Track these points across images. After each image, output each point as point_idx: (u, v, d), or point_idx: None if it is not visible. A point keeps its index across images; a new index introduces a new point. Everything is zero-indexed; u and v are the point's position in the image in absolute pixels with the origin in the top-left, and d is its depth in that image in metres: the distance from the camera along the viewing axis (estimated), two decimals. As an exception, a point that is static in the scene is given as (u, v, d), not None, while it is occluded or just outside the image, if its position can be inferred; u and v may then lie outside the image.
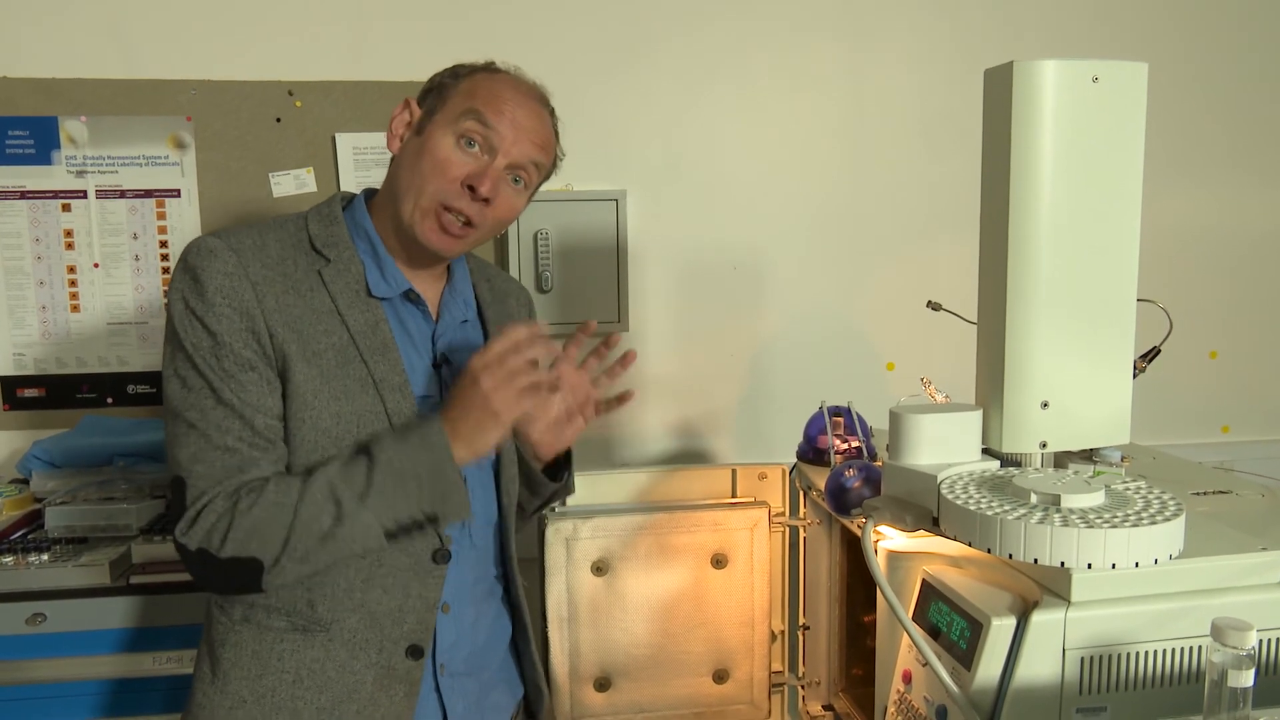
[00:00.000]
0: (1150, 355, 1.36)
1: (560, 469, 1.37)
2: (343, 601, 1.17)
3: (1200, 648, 0.98)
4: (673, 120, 2.15)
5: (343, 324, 1.18)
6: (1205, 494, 1.31)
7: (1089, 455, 1.19)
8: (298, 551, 1.11)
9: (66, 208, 1.97)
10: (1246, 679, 0.70)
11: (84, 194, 1.97)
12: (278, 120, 2.02)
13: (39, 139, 1.96)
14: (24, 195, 1.96)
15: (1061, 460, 1.17)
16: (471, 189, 1.17)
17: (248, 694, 1.17)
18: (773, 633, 1.54)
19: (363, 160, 2.07)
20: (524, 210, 1.29)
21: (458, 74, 1.25)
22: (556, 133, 1.31)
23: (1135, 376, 1.30)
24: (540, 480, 1.34)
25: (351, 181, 2.07)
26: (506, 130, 1.19)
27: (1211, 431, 2.46)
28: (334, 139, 2.05)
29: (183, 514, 1.12)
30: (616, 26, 2.12)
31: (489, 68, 1.27)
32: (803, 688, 1.58)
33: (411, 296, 1.24)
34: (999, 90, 1.10)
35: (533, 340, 1.13)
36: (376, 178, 2.08)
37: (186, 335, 1.13)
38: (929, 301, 1.46)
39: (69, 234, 1.97)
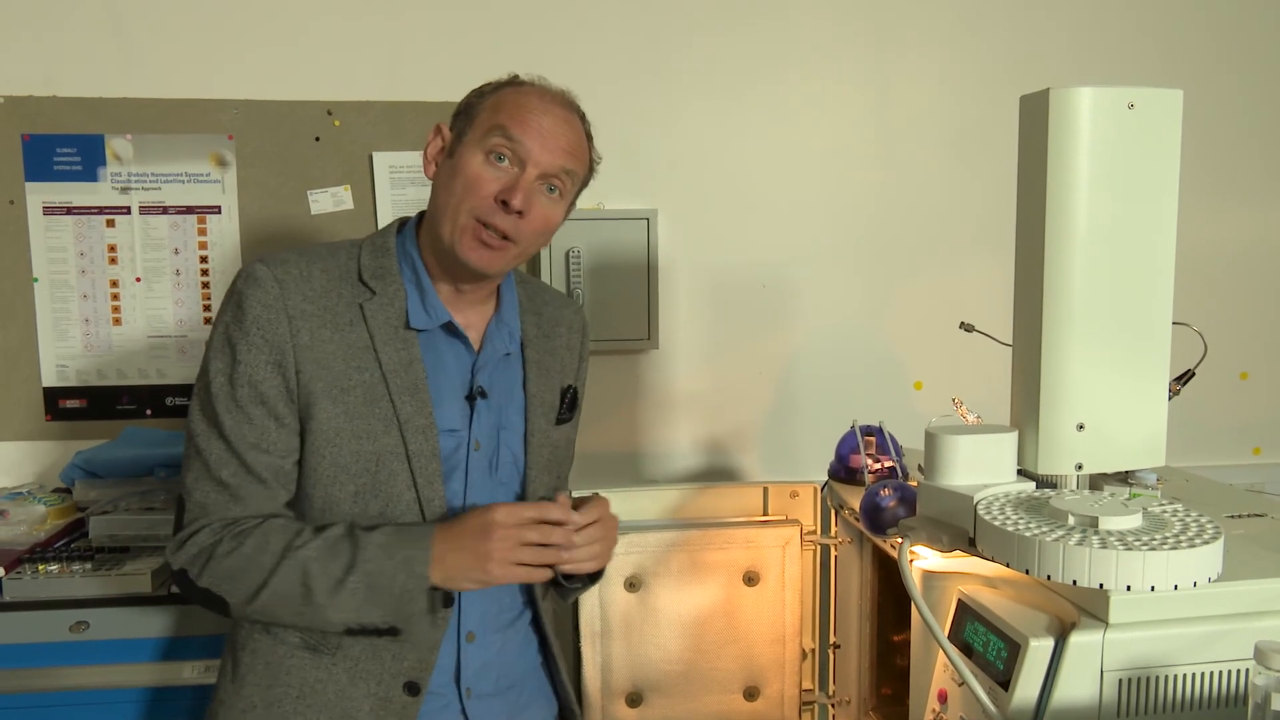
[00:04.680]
0: (1185, 378, 1.37)
1: (577, 585, 1.33)
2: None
3: (1240, 671, 0.98)
4: (703, 140, 2.17)
5: (376, 361, 1.20)
6: (1240, 517, 1.30)
7: (1124, 477, 1.20)
8: (261, 611, 1.16)
9: (111, 223, 2.01)
10: (1289, 702, 0.70)
11: (128, 210, 2.01)
12: (316, 139, 2.06)
13: (86, 156, 2.00)
14: (70, 211, 2.01)
15: (1096, 482, 1.18)
16: (504, 203, 1.18)
17: (259, 700, 1.21)
18: (804, 651, 1.55)
19: (399, 178, 2.10)
20: (564, 219, 1.29)
21: (484, 93, 1.26)
22: (590, 137, 1.30)
23: (1170, 399, 1.31)
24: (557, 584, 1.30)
25: (387, 199, 2.10)
26: (533, 141, 1.20)
27: (1243, 453, 2.44)
28: (371, 157, 2.08)
29: (176, 532, 1.18)
30: (648, 48, 2.15)
31: (513, 82, 1.27)
32: (833, 706, 1.59)
33: (450, 329, 1.25)
34: (1035, 116, 1.12)
35: (559, 517, 1.15)
36: (411, 195, 2.11)
37: (216, 358, 1.18)
38: (961, 323, 1.47)
39: (112, 249, 2.01)
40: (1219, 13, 2.28)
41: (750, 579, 1.49)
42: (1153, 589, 0.91)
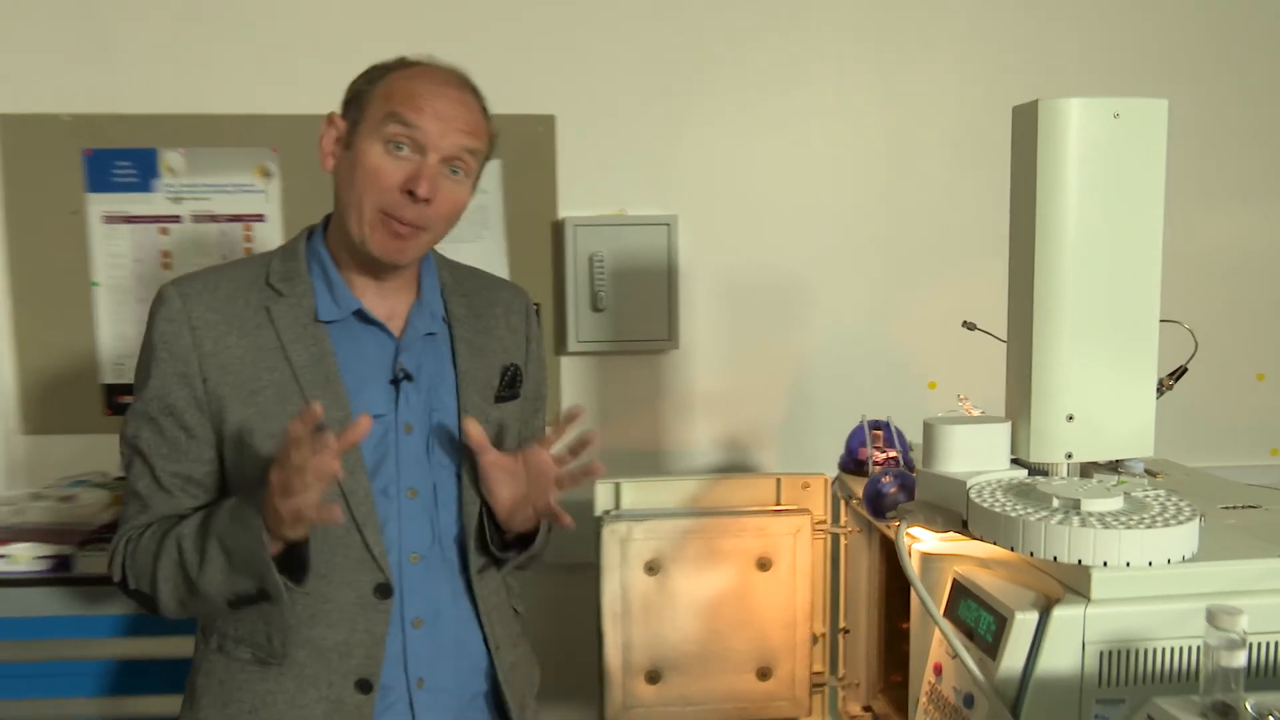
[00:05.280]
0: (1177, 374, 1.43)
1: (529, 540, 1.33)
2: (292, 636, 1.20)
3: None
4: (721, 149, 2.26)
5: (286, 360, 1.20)
6: (1235, 508, 1.36)
7: (1114, 466, 1.26)
8: (170, 601, 1.18)
9: (164, 231, 2.13)
10: (1239, 660, 0.77)
11: (179, 219, 2.14)
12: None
13: (141, 169, 2.13)
14: (127, 219, 2.13)
15: (1087, 470, 1.24)
16: (410, 193, 1.17)
17: (212, 717, 1.23)
18: (814, 635, 1.63)
19: (432, 187, 2.21)
20: (471, 196, 1.28)
21: (372, 79, 1.24)
22: (486, 111, 1.28)
23: (1162, 394, 1.37)
24: (492, 538, 1.30)
25: (422, 207, 2.20)
26: (430, 125, 1.18)
27: (1260, 454, 2.48)
28: (406, 167, 2.19)
29: (112, 543, 1.24)
30: (668, 61, 2.23)
31: (401, 64, 1.25)
32: (843, 688, 1.66)
33: (363, 316, 1.24)
34: (1025, 125, 1.19)
35: (300, 440, 1.05)
36: (445, 203, 2.21)
37: (136, 378, 1.23)
38: (964, 321, 1.54)
39: (166, 255, 2.14)
40: (1243, 12, 2.32)
41: (763, 565, 1.57)
42: (1128, 565, 0.98)
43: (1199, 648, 1.04)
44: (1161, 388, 1.39)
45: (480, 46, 2.20)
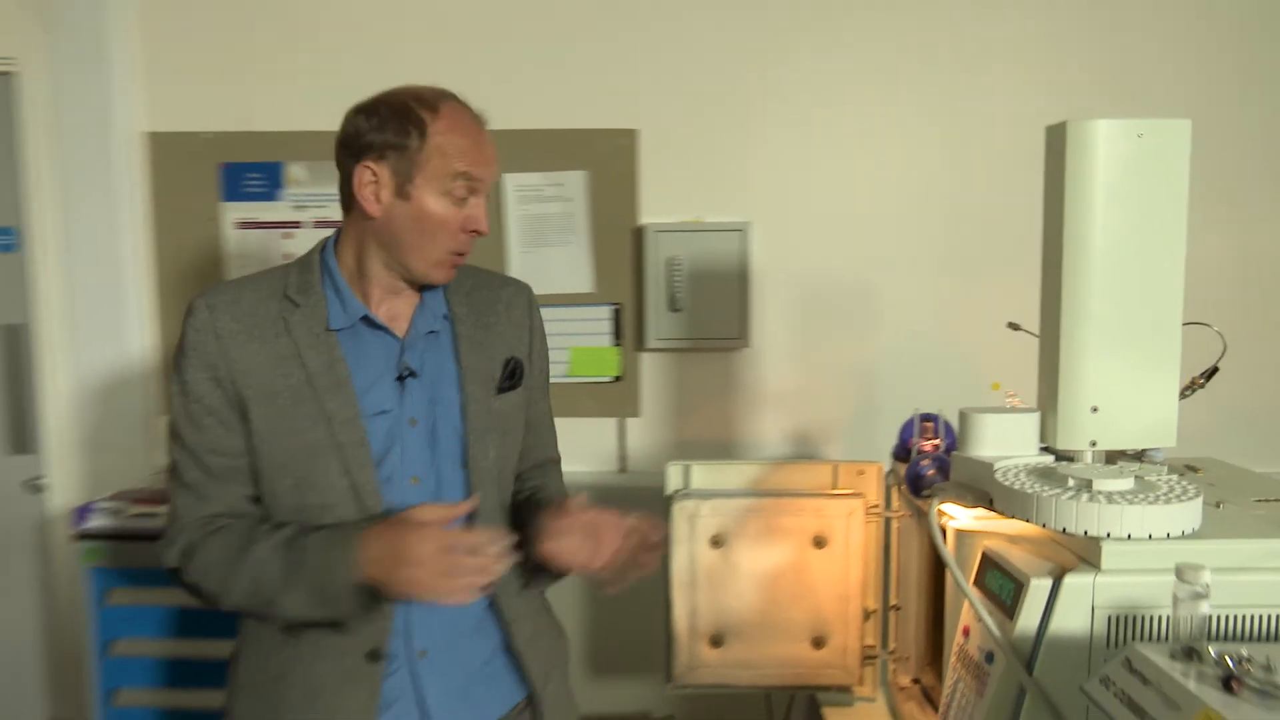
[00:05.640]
0: (1209, 373, 1.52)
1: (543, 572, 1.41)
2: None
3: (1219, 617, 1.14)
4: (792, 159, 2.41)
5: (302, 365, 1.30)
6: (1268, 501, 1.44)
7: (1139, 456, 1.37)
8: (232, 605, 1.30)
9: (288, 235, 2.39)
10: (1203, 609, 0.89)
11: (300, 224, 2.39)
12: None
13: (269, 180, 2.39)
14: (256, 225, 2.40)
15: (1112, 458, 1.36)
16: (476, 231, 1.33)
17: (246, 681, 1.37)
18: (866, 610, 1.76)
19: (522, 195, 2.41)
20: None
21: (415, 133, 1.29)
22: None
23: (1193, 392, 1.48)
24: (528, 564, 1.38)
25: (514, 213, 2.41)
26: (484, 172, 1.33)
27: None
28: (502, 179, 2.40)
29: (165, 532, 1.33)
30: (740, 78, 2.40)
31: (433, 113, 1.30)
32: (893, 661, 1.79)
33: (369, 322, 1.35)
34: (1056, 144, 1.31)
35: (477, 543, 1.20)
36: (534, 210, 2.41)
37: (173, 383, 1.33)
38: (1009, 322, 1.66)
39: (287, 257, 2.37)
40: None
41: (819, 542, 1.72)
42: (1129, 537, 1.10)
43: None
44: (1194, 386, 1.49)
45: (570, 67, 2.40)
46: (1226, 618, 1.12)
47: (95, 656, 2.10)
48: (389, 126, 1.30)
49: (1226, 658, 0.85)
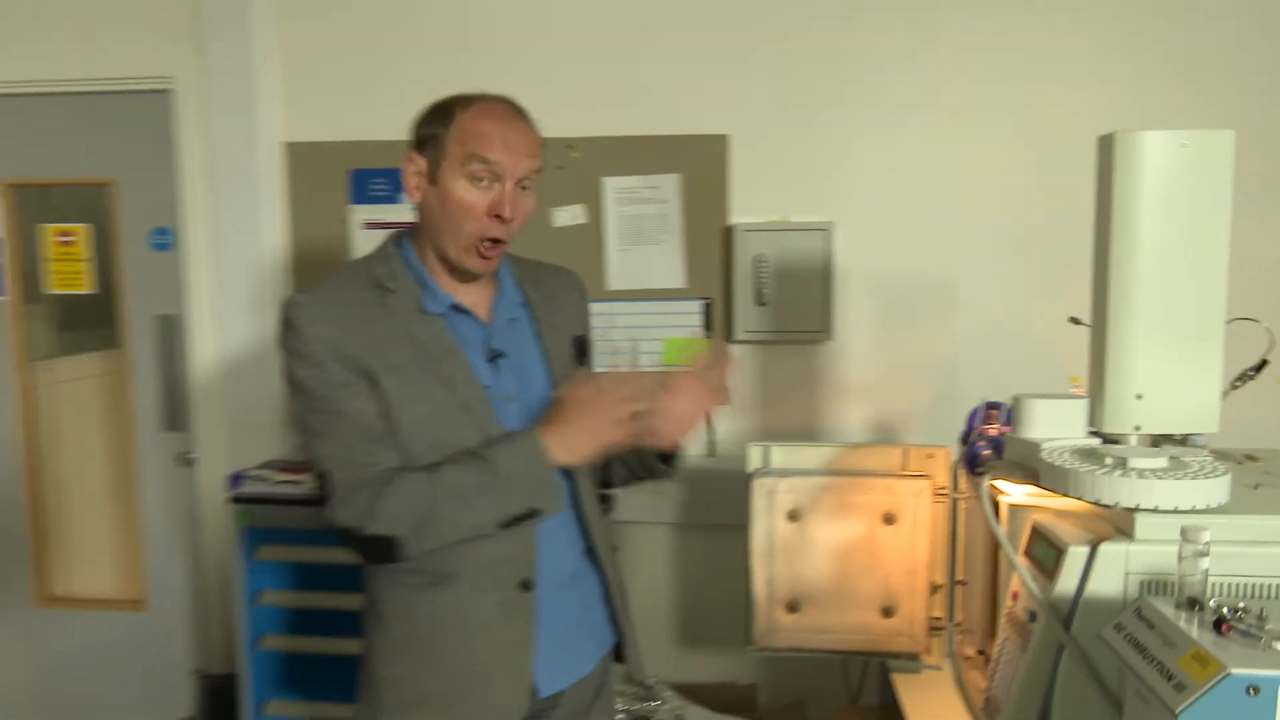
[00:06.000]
0: (1259, 367, 1.61)
1: (671, 458, 1.57)
2: (460, 555, 1.40)
3: (1239, 585, 1.25)
4: (874, 161, 2.54)
5: (411, 340, 1.40)
6: (1319, 487, 1.53)
7: (1183, 441, 1.48)
8: (429, 536, 1.36)
9: (409, 235, 2.64)
10: (1204, 565, 1.02)
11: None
12: (559, 168, 2.59)
13: (391, 184, 2.64)
14: (380, 225, 2.65)
15: (1158, 442, 1.47)
16: (498, 216, 1.38)
17: (402, 637, 1.45)
18: (933, 584, 1.89)
19: (621, 198, 2.60)
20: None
21: (443, 121, 1.41)
22: (537, 129, 1.46)
23: (1244, 383, 1.57)
24: (650, 462, 1.55)
25: (613, 214, 2.61)
26: (503, 157, 1.38)
27: None
28: (601, 182, 2.60)
29: (331, 498, 1.38)
30: (824, 85, 2.54)
31: (464, 103, 1.42)
32: (959, 633, 1.92)
33: (459, 309, 1.45)
34: (1106, 153, 1.43)
35: (632, 380, 1.41)
36: (631, 211, 2.61)
37: (298, 370, 1.38)
38: (1071, 316, 1.77)
39: (409, 255, 2.64)
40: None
41: (889, 519, 1.86)
42: (1157, 509, 1.22)
43: (1226, 585, 1.25)
44: (1244, 378, 1.58)
45: (666, 77, 2.58)
46: (1251, 586, 1.23)
47: (245, 607, 2.39)
48: (431, 120, 1.43)
49: (1223, 608, 0.98)
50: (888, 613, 1.88)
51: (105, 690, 3.09)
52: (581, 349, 1.59)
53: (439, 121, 1.42)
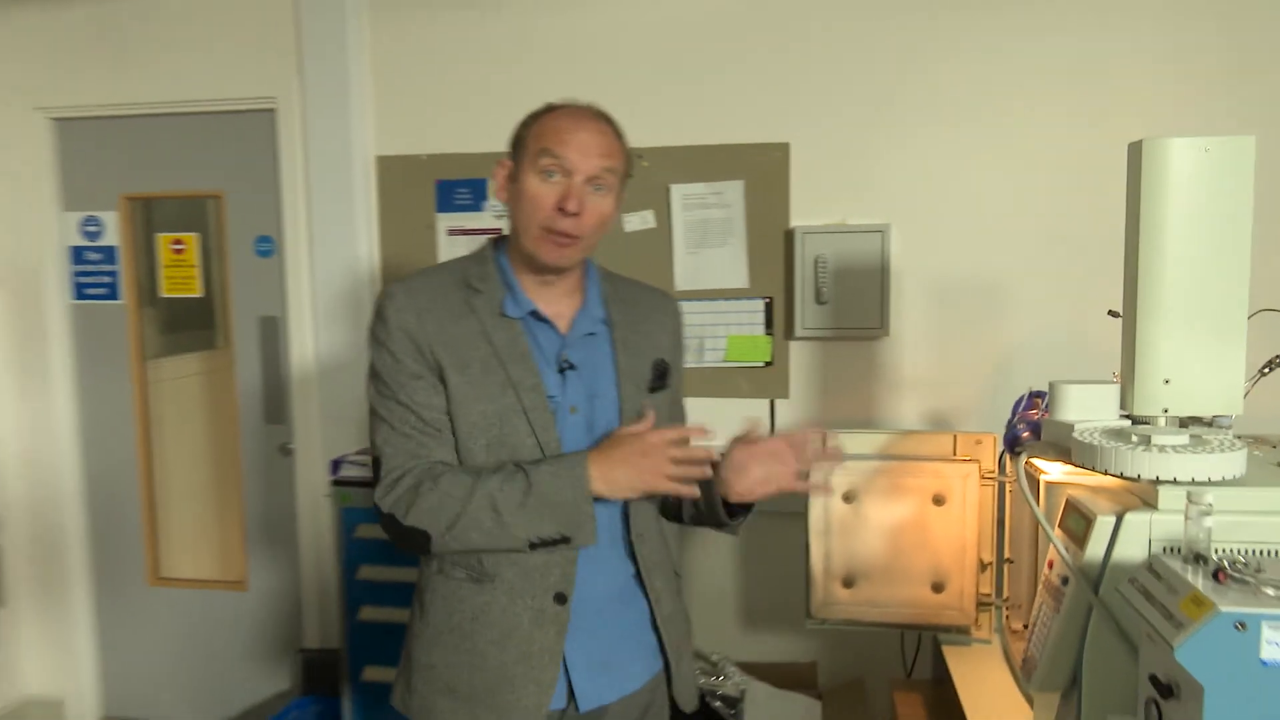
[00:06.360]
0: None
1: (737, 513, 1.56)
2: (503, 559, 1.46)
3: (1255, 550, 1.37)
4: (929, 164, 2.67)
5: (488, 341, 1.46)
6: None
7: (1210, 423, 1.59)
8: (458, 538, 1.41)
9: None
10: (1207, 524, 1.15)
11: (500, 230, 2.83)
12: (629, 176, 2.77)
13: (474, 193, 2.85)
14: (464, 232, 2.87)
15: (1186, 424, 1.58)
16: (562, 209, 1.43)
17: (443, 627, 1.50)
18: (982, 562, 2.03)
19: (688, 203, 2.77)
20: (617, 208, 1.53)
21: (527, 125, 1.50)
22: (621, 135, 1.52)
23: (1272, 370, 1.68)
24: (717, 512, 1.52)
25: (680, 219, 2.78)
26: (573, 154, 1.43)
27: None
28: (669, 188, 2.77)
29: (380, 483, 1.45)
30: (879, 94, 2.68)
31: (547, 110, 1.50)
32: (1006, 608, 2.05)
33: (536, 315, 1.49)
34: (1135, 158, 1.56)
35: (690, 437, 1.41)
36: (697, 215, 2.77)
37: (377, 357, 1.47)
38: (1110, 310, 1.88)
39: (491, 258, 2.85)
40: None
41: (938, 500, 2.00)
42: (1175, 480, 1.35)
43: (1241, 550, 1.35)
44: (1272, 365, 1.69)
45: (730, 89, 2.74)
46: (1264, 551, 1.35)
47: (345, 580, 2.62)
48: (520, 126, 1.52)
49: (1224, 561, 1.11)
50: (937, 588, 2.02)
51: (212, 663, 3.36)
52: (661, 373, 1.60)
53: (525, 126, 1.51)
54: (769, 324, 2.78)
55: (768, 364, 2.79)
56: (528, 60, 2.85)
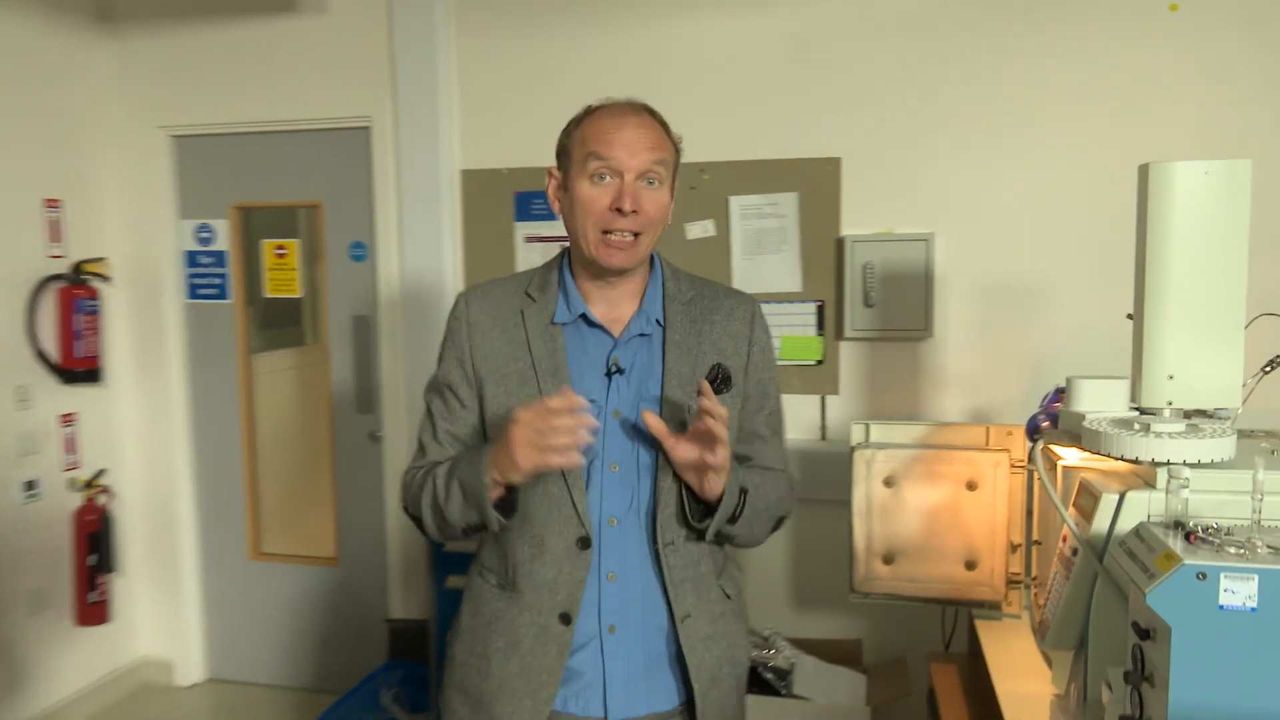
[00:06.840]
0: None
1: (705, 515, 1.47)
2: (521, 570, 1.48)
3: (1240, 525, 1.54)
4: (971, 180, 2.85)
5: (529, 353, 1.48)
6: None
7: (1212, 415, 1.77)
8: (438, 528, 1.49)
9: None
10: (1185, 494, 1.34)
11: (574, 238, 3.10)
12: (692, 188, 3.01)
13: (548, 204, 3.11)
14: (540, 240, 3.13)
15: (1190, 417, 1.76)
16: (619, 210, 1.41)
17: (467, 625, 1.56)
18: (1011, 543, 2.22)
19: (746, 213, 3.00)
20: (673, 197, 1.51)
21: (570, 132, 1.50)
22: (665, 124, 1.50)
23: (1273, 368, 1.85)
24: (693, 512, 1.47)
25: (739, 229, 3.01)
26: (620, 153, 1.41)
27: None
28: (728, 200, 3.00)
29: (404, 473, 1.57)
30: (925, 109, 2.87)
31: (587, 113, 1.50)
32: (1035, 586, 2.23)
33: (587, 320, 1.50)
34: (1143, 180, 1.74)
35: (562, 410, 1.32)
36: (754, 225, 3.00)
37: (440, 354, 1.55)
38: (1128, 314, 2.06)
39: (565, 264, 3.11)
40: None
41: (971, 486, 2.19)
42: (1169, 462, 1.54)
43: (1224, 527, 1.52)
44: (1273, 364, 1.86)
45: (785, 108, 2.96)
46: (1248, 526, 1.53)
47: (433, 552, 2.89)
48: (562, 135, 1.52)
49: (1198, 526, 1.31)
50: (970, 566, 2.22)
51: (306, 632, 3.68)
52: (720, 376, 1.49)
53: (567, 134, 1.51)
54: (820, 325, 2.99)
55: (819, 363, 3.00)
56: (599, 79, 3.07)
